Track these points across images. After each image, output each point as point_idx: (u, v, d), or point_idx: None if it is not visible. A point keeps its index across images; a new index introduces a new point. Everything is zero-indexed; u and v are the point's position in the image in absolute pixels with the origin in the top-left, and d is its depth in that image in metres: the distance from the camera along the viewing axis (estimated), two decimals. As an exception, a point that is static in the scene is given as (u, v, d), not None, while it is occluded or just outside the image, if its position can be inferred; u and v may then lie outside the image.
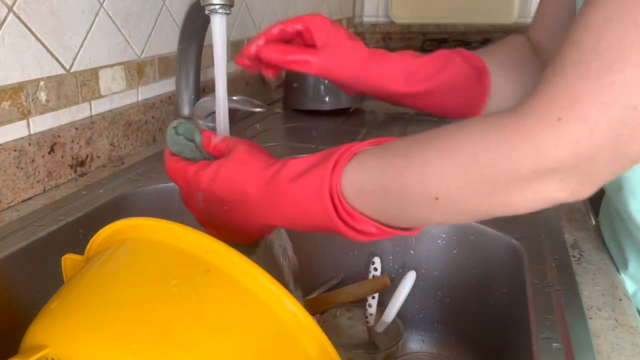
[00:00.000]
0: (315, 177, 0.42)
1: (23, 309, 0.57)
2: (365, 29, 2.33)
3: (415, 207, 0.40)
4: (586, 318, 0.49)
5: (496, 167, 0.35)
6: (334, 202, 0.41)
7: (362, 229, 0.42)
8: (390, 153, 0.41)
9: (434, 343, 0.74)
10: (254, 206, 0.46)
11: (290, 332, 0.36)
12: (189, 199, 0.52)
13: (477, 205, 0.38)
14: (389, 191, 0.40)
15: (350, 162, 0.42)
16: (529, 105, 0.35)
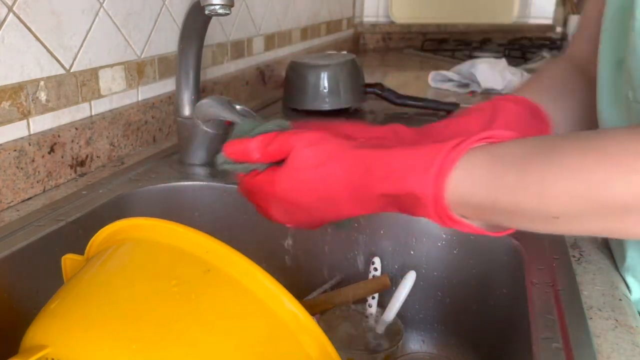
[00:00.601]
0: (414, 185, 0.39)
1: (23, 309, 0.57)
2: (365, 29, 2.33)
3: (529, 222, 0.38)
4: (586, 318, 0.49)
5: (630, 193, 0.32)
6: (436, 208, 0.39)
7: (460, 228, 0.41)
8: (501, 165, 0.37)
9: (434, 343, 0.74)
10: (341, 204, 0.45)
11: (290, 332, 0.36)
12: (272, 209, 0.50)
13: (602, 227, 0.35)
14: (498, 206, 0.37)
15: (456, 170, 0.38)
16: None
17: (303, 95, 1.18)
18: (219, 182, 0.78)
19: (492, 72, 1.44)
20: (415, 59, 2.07)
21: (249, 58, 1.31)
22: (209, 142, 0.81)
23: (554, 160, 0.35)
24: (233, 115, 0.76)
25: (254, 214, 0.76)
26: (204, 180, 0.78)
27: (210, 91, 1.11)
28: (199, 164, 0.82)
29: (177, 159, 0.84)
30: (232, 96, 1.20)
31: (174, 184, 0.77)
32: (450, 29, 2.39)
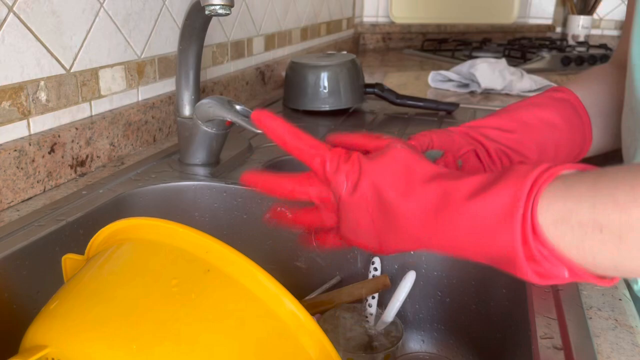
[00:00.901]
0: (503, 195, 0.35)
1: (23, 309, 0.57)
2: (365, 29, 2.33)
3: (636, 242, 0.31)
4: (586, 318, 0.49)
5: None
6: (524, 230, 0.34)
7: (549, 270, 0.34)
8: (608, 180, 0.33)
9: (434, 343, 0.74)
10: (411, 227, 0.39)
11: (290, 332, 0.36)
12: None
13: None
14: (605, 227, 0.32)
15: (551, 184, 0.35)
16: None
17: (303, 96, 1.18)
18: (219, 182, 0.78)
19: (492, 72, 1.44)
20: (415, 59, 2.07)
21: (249, 58, 1.31)
22: (209, 142, 0.81)
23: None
24: (233, 115, 0.76)
25: (254, 214, 0.77)
26: (204, 180, 0.78)
27: (210, 91, 1.11)
28: (199, 164, 0.82)
29: (177, 159, 0.84)
30: (232, 96, 1.20)
31: (174, 184, 0.77)
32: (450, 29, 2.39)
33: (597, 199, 0.33)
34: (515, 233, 0.34)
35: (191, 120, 0.79)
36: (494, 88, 1.44)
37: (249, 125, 0.75)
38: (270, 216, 0.49)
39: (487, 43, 2.16)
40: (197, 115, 0.78)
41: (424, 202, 0.38)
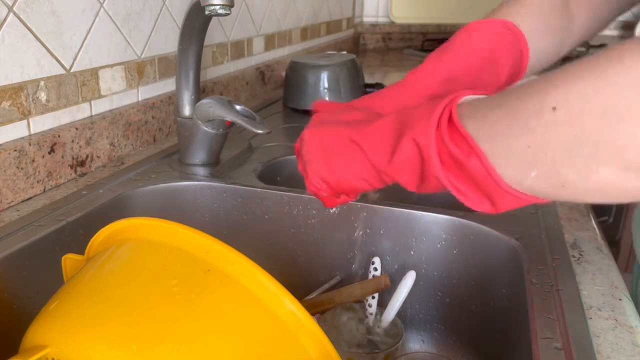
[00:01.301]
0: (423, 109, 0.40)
1: (23, 309, 0.57)
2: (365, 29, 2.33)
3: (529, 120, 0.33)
4: (586, 318, 0.49)
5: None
6: (440, 120, 0.38)
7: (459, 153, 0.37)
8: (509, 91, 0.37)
9: (434, 343, 0.74)
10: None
11: (290, 332, 0.36)
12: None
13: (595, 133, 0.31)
14: (501, 105, 0.36)
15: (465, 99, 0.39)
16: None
17: (303, 95, 1.18)
18: (219, 182, 0.78)
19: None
20: (415, 59, 2.07)
21: (249, 58, 1.31)
22: (209, 142, 0.81)
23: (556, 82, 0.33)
24: (233, 115, 0.76)
25: (254, 214, 0.77)
26: (204, 180, 0.78)
27: (210, 91, 1.11)
28: (199, 164, 0.82)
29: (177, 159, 0.84)
30: (232, 96, 1.20)
31: (174, 184, 0.77)
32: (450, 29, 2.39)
33: (511, 89, 0.36)
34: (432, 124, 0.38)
35: (191, 120, 0.79)
36: (494, 88, 1.43)
37: (249, 125, 0.75)
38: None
39: (487, 43, 2.16)
40: (197, 115, 0.78)
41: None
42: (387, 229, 0.71)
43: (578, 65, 0.33)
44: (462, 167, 0.38)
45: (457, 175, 0.39)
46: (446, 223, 0.69)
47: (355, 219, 0.72)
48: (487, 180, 0.37)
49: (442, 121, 0.38)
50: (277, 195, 0.75)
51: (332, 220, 0.73)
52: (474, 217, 0.68)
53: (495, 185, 0.37)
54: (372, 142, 0.44)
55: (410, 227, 0.70)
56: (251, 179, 0.81)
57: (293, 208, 0.74)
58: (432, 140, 0.38)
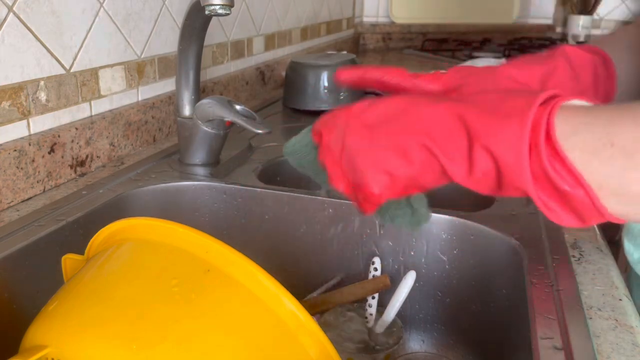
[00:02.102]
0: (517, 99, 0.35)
1: (23, 309, 0.57)
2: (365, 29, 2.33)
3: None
4: (586, 318, 0.49)
5: None
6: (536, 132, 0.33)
7: (562, 183, 0.33)
8: (626, 106, 0.33)
9: (434, 343, 0.74)
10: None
11: (290, 332, 0.36)
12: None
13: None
14: (616, 142, 0.32)
15: (566, 104, 0.34)
16: None
17: (303, 95, 1.18)
18: (219, 182, 0.78)
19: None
20: (415, 59, 2.07)
21: (249, 58, 1.31)
22: (209, 142, 0.81)
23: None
24: (233, 115, 0.76)
25: (254, 214, 0.77)
26: (204, 180, 0.78)
27: (210, 91, 1.11)
28: (199, 164, 0.82)
29: (177, 159, 0.84)
30: (232, 96, 1.20)
31: (174, 184, 0.77)
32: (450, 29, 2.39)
33: (615, 115, 0.32)
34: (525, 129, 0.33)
35: (191, 120, 0.79)
36: (494, 88, 1.43)
37: (249, 125, 0.75)
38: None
39: (487, 43, 2.16)
40: (197, 115, 0.78)
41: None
42: (387, 229, 0.71)
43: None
44: (563, 194, 0.35)
45: (551, 195, 0.35)
46: (446, 223, 0.69)
47: (355, 219, 0.72)
48: (589, 209, 0.35)
49: (536, 137, 0.34)
50: (277, 195, 0.75)
51: (332, 220, 0.73)
52: (474, 217, 0.68)
53: (597, 213, 0.34)
54: (446, 148, 0.39)
55: (410, 227, 0.70)
56: (251, 179, 0.81)
57: (293, 208, 0.75)
58: (524, 161, 0.34)
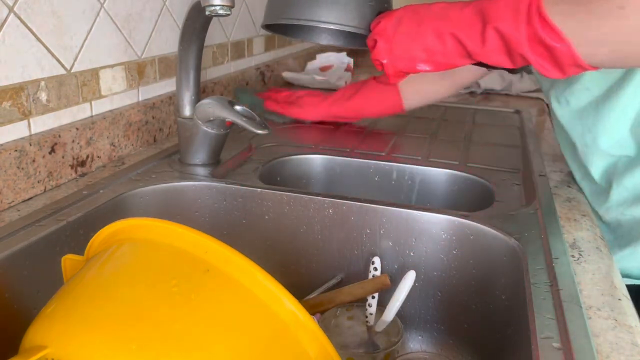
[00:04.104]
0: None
1: (23, 309, 0.57)
2: (366, 29, 2.32)
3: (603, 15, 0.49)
4: (585, 318, 0.49)
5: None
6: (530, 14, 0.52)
7: (550, 40, 0.51)
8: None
9: (434, 343, 0.74)
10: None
11: (290, 332, 0.36)
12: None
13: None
14: (580, 5, 0.50)
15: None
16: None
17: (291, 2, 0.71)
18: (219, 182, 0.78)
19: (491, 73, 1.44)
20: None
21: (249, 58, 1.31)
22: (210, 142, 0.81)
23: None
24: (233, 115, 0.76)
25: (254, 214, 0.77)
26: (204, 180, 0.78)
27: (210, 91, 1.11)
28: (199, 164, 0.82)
29: (177, 159, 0.85)
30: (232, 96, 1.20)
31: (174, 184, 0.77)
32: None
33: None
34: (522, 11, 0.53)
35: (191, 120, 0.79)
36: (494, 88, 1.44)
37: (249, 126, 0.75)
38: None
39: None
40: (198, 115, 0.78)
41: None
42: (387, 229, 0.72)
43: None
44: (551, 51, 0.52)
45: (542, 54, 0.53)
46: (446, 223, 0.69)
47: (355, 219, 0.72)
48: (570, 60, 0.52)
49: (530, 13, 0.52)
50: (277, 195, 0.75)
51: (332, 220, 0.73)
52: (473, 217, 0.68)
53: (574, 62, 0.52)
54: (466, 33, 0.58)
55: (410, 227, 0.70)
56: (251, 179, 0.81)
57: (293, 208, 0.75)
58: (523, 32, 0.53)
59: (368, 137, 1.04)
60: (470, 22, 0.57)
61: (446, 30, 0.59)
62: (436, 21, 0.60)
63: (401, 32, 0.62)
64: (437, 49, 0.60)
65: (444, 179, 0.88)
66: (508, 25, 0.53)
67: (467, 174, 0.86)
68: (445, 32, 0.59)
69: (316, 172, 0.94)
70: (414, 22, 0.61)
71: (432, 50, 0.60)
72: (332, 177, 0.93)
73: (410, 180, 0.89)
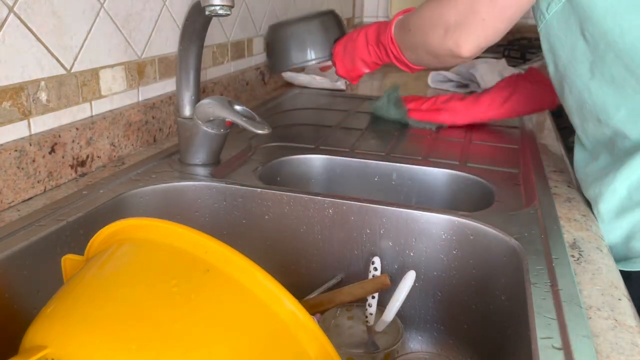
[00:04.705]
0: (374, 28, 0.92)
1: (23, 309, 0.57)
2: (366, 29, 2.33)
3: (406, 34, 0.83)
4: (585, 318, 0.49)
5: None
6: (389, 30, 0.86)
7: (393, 48, 0.86)
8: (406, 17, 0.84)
9: (434, 343, 0.74)
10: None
11: (290, 331, 0.36)
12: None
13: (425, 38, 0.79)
14: (406, 27, 0.82)
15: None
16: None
17: (287, 53, 1.04)
18: (219, 182, 0.78)
19: (491, 73, 1.44)
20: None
21: (249, 58, 1.31)
22: (209, 142, 0.81)
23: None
24: (233, 115, 0.76)
25: (254, 214, 0.77)
26: (204, 180, 0.78)
27: (210, 91, 1.11)
28: (199, 164, 0.82)
29: (177, 159, 0.85)
30: (232, 96, 1.20)
31: (174, 184, 0.77)
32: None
33: (402, 21, 0.85)
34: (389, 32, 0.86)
35: (191, 120, 0.79)
36: (494, 88, 1.43)
37: (249, 126, 0.75)
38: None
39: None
40: (198, 115, 0.78)
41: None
42: (387, 229, 0.72)
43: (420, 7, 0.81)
44: (396, 56, 0.87)
45: (396, 59, 0.88)
46: (446, 223, 0.69)
47: (355, 219, 0.72)
48: (403, 60, 0.86)
49: (390, 31, 0.86)
50: (277, 195, 0.75)
51: (332, 220, 0.73)
52: (473, 217, 0.68)
53: (404, 62, 0.87)
54: (361, 52, 0.93)
55: (410, 227, 0.70)
56: (251, 179, 0.81)
57: (293, 208, 0.75)
58: (388, 43, 0.86)
59: (368, 137, 1.04)
60: (362, 45, 0.92)
61: (355, 53, 0.94)
62: (355, 44, 0.94)
63: (347, 53, 0.96)
64: (365, 59, 0.94)
65: (444, 179, 0.88)
66: (384, 38, 0.88)
67: (467, 174, 0.86)
68: (356, 54, 0.94)
69: (316, 172, 0.94)
70: (349, 47, 0.95)
71: (364, 60, 0.94)
72: (332, 177, 0.93)
73: (410, 180, 0.89)
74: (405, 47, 0.83)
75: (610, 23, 0.62)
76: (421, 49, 0.80)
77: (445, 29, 0.74)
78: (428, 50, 0.79)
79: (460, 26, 0.72)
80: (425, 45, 0.79)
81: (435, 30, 0.75)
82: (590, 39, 0.65)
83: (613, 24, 0.62)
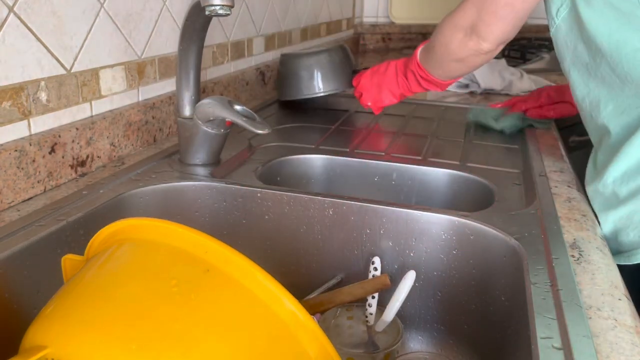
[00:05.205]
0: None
1: (23, 309, 0.57)
2: (365, 29, 2.33)
3: (433, 56, 0.90)
4: (585, 318, 0.49)
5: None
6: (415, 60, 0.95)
7: (421, 72, 0.94)
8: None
9: (434, 343, 0.74)
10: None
11: (290, 332, 0.36)
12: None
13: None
14: (431, 51, 0.90)
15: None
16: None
17: (297, 84, 1.19)
18: (219, 182, 0.78)
19: (491, 73, 1.44)
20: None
21: (249, 58, 1.31)
22: (209, 142, 0.81)
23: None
24: (233, 115, 0.76)
25: (254, 214, 0.77)
26: (204, 180, 0.78)
27: (210, 91, 1.11)
28: (199, 164, 0.82)
29: (177, 159, 0.85)
30: (232, 96, 1.20)
31: (174, 184, 0.77)
32: (451, 29, 2.38)
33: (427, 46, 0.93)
34: (414, 62, 0.96)
35: (191, 120, 0.79)
36: (494, 88, 1.44)
37: (249, 126, 0.75)
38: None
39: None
40: (198, 115, 0.78)
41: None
42: (387, 229, 0.72)
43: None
44: (426, 78, 0.94)
45: (426, 84, 0.96)
46: (446, 223, 0.69)
47: (355, 219, 0.72)
48: (432, 80, 0.93)
49: (416, 58, 0.95)
50: (277, 195, 0.75)
51: (332, 220, 0.73)
52: (473, 217, 0.68)
53: (433, 80, 0.93)
54: (390, 84, 1.02)
55: (410, 227, 0.70)
56: (251, 179, 0.81)
57: (293, 208, 0.75)
58: (416, 68, 0.95)
59: (368, 137, 1.04)
60: (392, 76, 1.02)
61: (384, 85, 1.03)
62: (384, 76, 1.03)
63: (373, 85, 1.05)
64: (393, 90, 1.03)
65: (444, 179, 0.88)
66: (411, 67, 0.97)
67: (467, 174, 0.86)
68: (383, 85, 1.03)
69: (316, 172, 0.94)
70: (376, 79, 1.04)
71: (392, 91, 1.03)
72: (332, 177, 0.93)
73: (410, 180, 0.89)
74: (432, 66, 0.91)
75: (596, 29, 0.71)
76: (446, 61, 0.87)
77: (463, 33, 0.82)
78: (453, 58, 0.86)
79: (475, 25, 0.80)
80: (449, 55, 0.85)
81: (455, 37, 0.83)
82: (586, 42, 0.73)
83: (596, 31, 0.70)
